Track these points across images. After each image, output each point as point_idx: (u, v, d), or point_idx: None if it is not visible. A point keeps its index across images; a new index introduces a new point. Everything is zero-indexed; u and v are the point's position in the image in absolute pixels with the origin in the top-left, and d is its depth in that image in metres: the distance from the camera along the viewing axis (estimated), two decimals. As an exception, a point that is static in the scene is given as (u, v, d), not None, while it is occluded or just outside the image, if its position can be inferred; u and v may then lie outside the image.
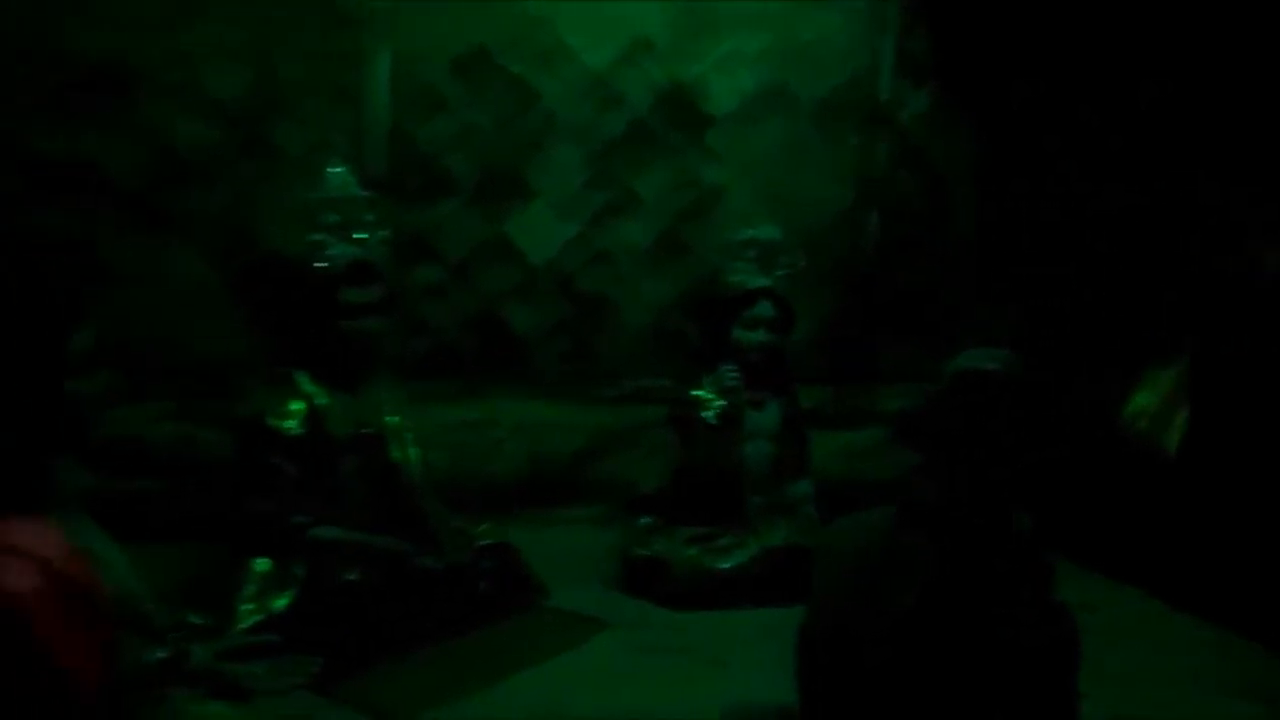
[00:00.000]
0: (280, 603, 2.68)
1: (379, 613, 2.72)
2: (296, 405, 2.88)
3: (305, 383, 2.91)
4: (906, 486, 1.70)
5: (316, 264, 2.85)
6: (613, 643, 2.90)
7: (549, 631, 2.94)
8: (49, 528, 1.48)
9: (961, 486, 1.62)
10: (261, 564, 2.79)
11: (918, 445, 1.70)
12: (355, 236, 2.89)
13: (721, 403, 3.29)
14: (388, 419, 3.06)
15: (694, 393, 3.32)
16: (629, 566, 3.30)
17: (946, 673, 1.57)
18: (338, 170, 2.98)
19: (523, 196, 4.01)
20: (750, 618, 3.09)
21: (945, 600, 1.57)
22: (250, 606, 2.71)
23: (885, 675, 1.61)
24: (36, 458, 1.49)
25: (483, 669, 2.67)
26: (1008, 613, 1.55)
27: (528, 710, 2.46)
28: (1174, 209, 3.92)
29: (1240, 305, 3.48)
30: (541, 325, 4.08)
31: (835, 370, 4.26)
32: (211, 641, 2.03)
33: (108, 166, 3.70)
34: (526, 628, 2.96)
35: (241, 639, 2.33)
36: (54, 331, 1.46)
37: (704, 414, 3.28)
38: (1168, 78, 3.90)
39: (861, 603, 1.66)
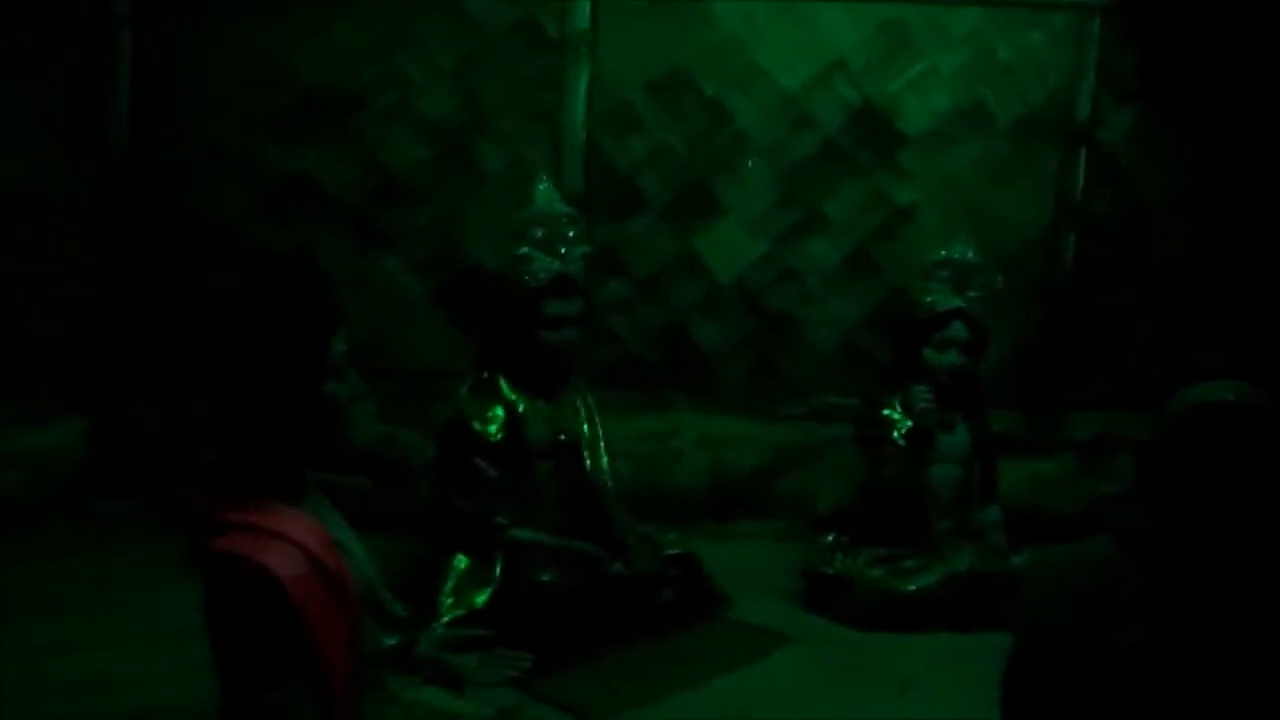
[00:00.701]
0: (480, 599, 2.81)
1: (571, 615, 2.81)
2: (498, 411, 3.01)
3: (506, 390, 3.04)
4: (1128, 522, 1.65)
5: (524, 276, 2.97)
6: (797, 658, 2.92)
7: (733, 643, 2.98)
8: (308, 517, 1.61)
9: (1198, 524, 1.56)
10: (460, 561, 2.93)
11: (1145, 482, 1.64)
12: (559, 251, 3.00)
13: (910, 424, 3.27)
14: (582, 428, 3.16)
15: (883, 413, 3.31)
16: (812, 583, 3.31)
17: (1175, 714, 1.52)
18: (544, 187, 3.10)
19: (712, 214, 4.08)
20: (934, 642, 3.05)
21: (1175, 640, 1.52)
22: (450, 601, 2.85)
23: (1107, 714, 1.57)
24: (300, 454, 1.63)
25: (671, 676, 2.73)
26: (1243, 658, 1.49)
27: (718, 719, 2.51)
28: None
29: None
30: (727, 341, 4.14)
31: (1026, 395, 4.16)
32: (428, 632, 2.15)
33: (326, 183, 3.96)
34: (711, 638, 3.01)
35: (460, 631, 2.45)
36: (321, 337, 1.59)
37: (893, 434, 3.27)
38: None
39: (1079, 638, 1.62)
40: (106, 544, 3.65)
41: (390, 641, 1.88)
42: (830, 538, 3.37)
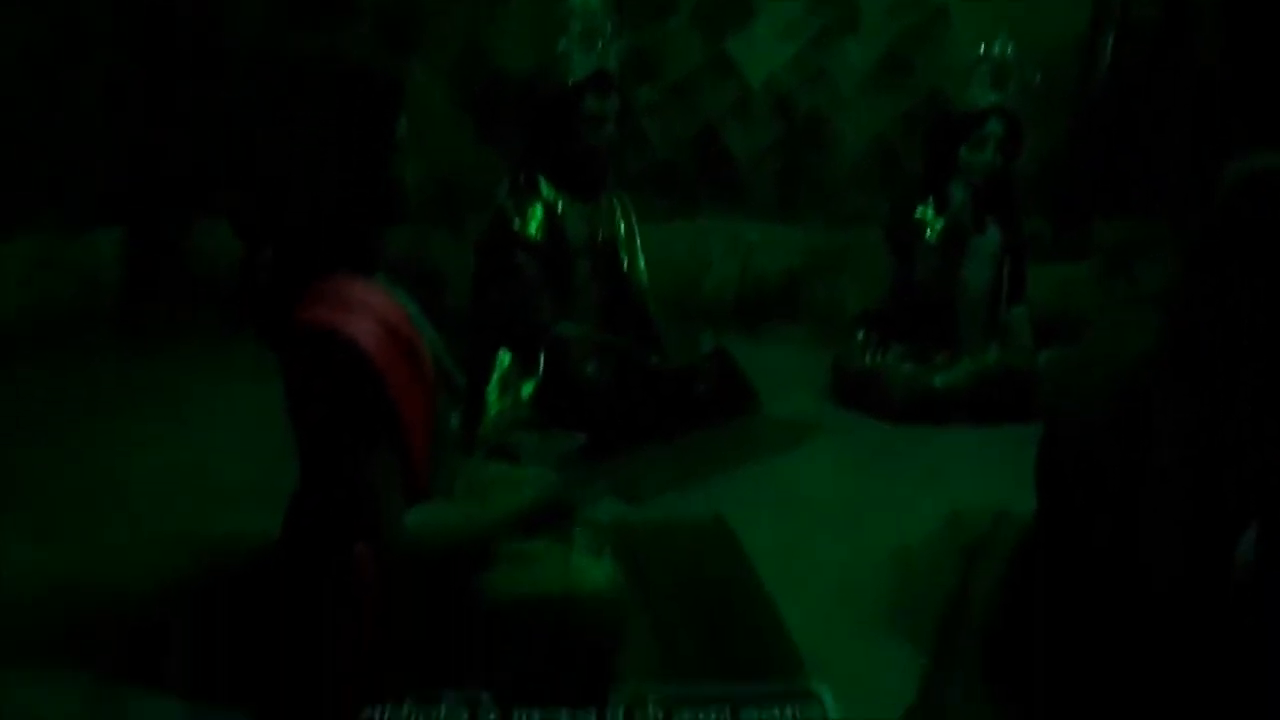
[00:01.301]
0: (526, 391, 2.91)
1: (613, 406, 2.91)
2: (537, 210, 3.04)
3: (546, 189, 3.06)
4: (1176, 311, 1.64)
5: (562, 74, 2.95)
6: (829, 446, 3.03)
7: (768, 433, 3.09)
8: (383, 289, 1.67)
9: (1254, 313, 1.54)
10: (504, 357, 3.01)
11: (1192, 275, 1.61)
12: (596, 46, 2.97)
13: (943, 224, 3.30)
14: (619, 228, 3.20)
15: (916, 213, 3.34)
16: (843, 379, 3.41)
17: (1213, 513, 1.56)
18: (581, -20, 3.03)
19: (744, 14, 3.99)
20: (961, 434, 3.16)
21: (1221, 434, 1.54)
22: (496, 394, 2.95)
23: (1147, 507, 1.60)
24: (371, 227, 1.68)
25: (709, 462, 2.85)
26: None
27: (757, 498, 2.63)
28: None
29: None
30: (757, 145, 4.13)
31: (1056, 200, 4.16)
32: (487, 414, 2.26)
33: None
34: (746, 429, 3.12)
35: (518, 412, 2.58)
36: (388, 114, 1.62)
37: (925, 235, 3.30)
38: None
39: (1120, 429, 1.63)
40: (157, 351, 3.75)
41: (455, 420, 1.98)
42: (861, 335, 3.46)
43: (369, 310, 1.59)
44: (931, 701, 1.76)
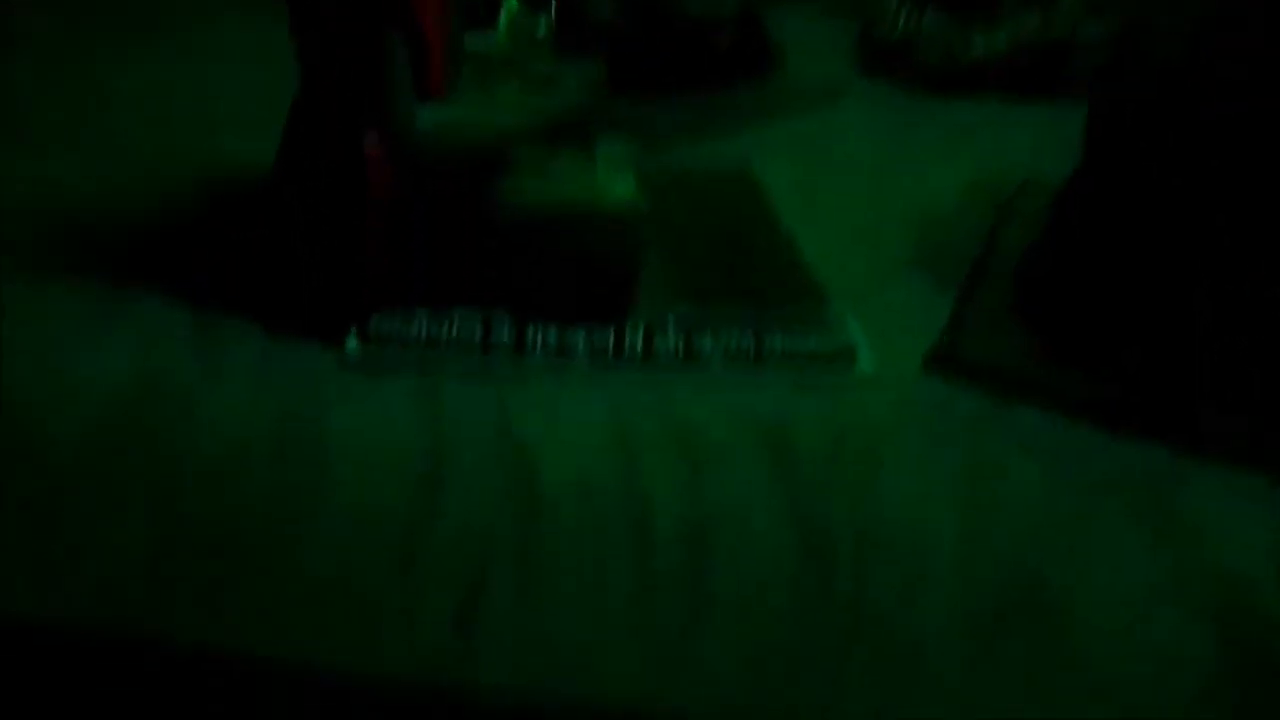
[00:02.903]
0: (538, 34, 2.75)
1: (630, 53, 2.78)
2: None
3: None
4: None
5: None
6: (856, 110, 2.90)
7: (793, 96, 2.95)
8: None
9: None
10: (511, 2, 2.83)
11: None
12: None
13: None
14: None
15: None
16: (872, 47, 3.22)
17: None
18: None
19: None
20: (992, 105, 2.97)
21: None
22: (505, 38, 2.79)
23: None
24: None
25: (733, 117, 2.75)
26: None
27: (779, 153, 2.53)
28: None
29: None
30: None
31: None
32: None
33: None
34: (771, 91, 2.97)
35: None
36: None
37: (976, -114, 3.04)
38: None
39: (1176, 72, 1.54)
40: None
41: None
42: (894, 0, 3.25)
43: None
44: (959, 330, 1.74)
